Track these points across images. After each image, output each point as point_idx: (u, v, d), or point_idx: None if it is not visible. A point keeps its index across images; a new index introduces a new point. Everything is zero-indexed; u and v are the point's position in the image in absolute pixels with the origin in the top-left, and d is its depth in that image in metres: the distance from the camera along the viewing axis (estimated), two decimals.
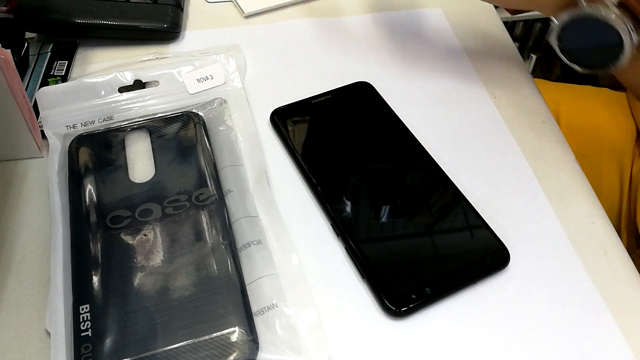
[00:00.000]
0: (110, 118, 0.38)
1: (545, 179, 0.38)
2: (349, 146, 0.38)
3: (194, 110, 0.39)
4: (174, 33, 0.46)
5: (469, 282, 0.32)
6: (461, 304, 0.32)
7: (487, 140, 0.41)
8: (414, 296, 0.31)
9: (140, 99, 0.39)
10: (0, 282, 0.32)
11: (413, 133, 0.39)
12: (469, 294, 0.32)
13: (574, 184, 0.38)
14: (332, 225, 0.35)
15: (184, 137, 0.37)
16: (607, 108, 0.63)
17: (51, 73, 0.42)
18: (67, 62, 0.43)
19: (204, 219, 0.33)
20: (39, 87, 0.41)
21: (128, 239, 0.32)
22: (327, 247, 0.34)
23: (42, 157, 0.38)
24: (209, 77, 0.41)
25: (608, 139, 0.60)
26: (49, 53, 0.44)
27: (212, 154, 0.36)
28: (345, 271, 0.33)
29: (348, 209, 0.35)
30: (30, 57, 0.43)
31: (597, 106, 0.64)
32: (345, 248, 0.33)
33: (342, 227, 0.34)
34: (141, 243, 0.32)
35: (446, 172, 0.37)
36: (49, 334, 0.29)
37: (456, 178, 0.37)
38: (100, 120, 0.38)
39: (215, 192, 0.34)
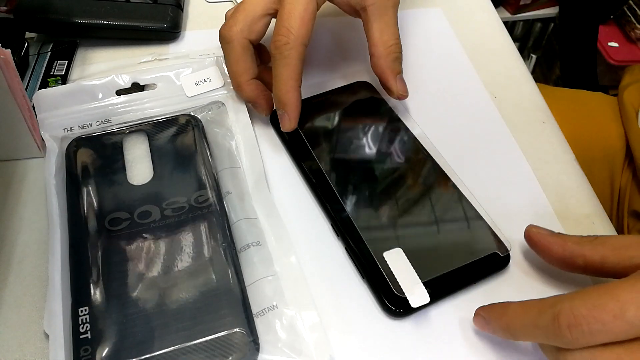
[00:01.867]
0: (108, 121, 0.38)
1: (545, 179, 0.38)
2: (349, 146, 0.38)
3: (191, 113, 0.39)
4: (174, 33, 0.46)
5: (469, 282, 0.32)
6: (461, 304, 0.32)
7: (487, 140, 0.41)
8: None
9: (137, 102, 0.39)
10: (0, 282, 0.32)
11: (413, 133, 0.39)
12: (469, 294, 0.32)
13: (574, 184, 0.38)
14: (332, 225, 0.35)
15: (182, 139, 0.37)
16: (599, 114, 0.62)
17: (51, 73, 0.42)
18: (67, 62, 0.43)
19: (203, 221, 0.33)
20: (39, 87, 0.41)
21: (127, 241, 0.32)
22: (327, 247, 0.34)
23: (43, 157, 0.38)
24: (207, 80, 0.41)
25: (600, 146, 0.59)
26: (49, 53, 0.44)
27: (211, 156, 0.36)
28: (345, 271, 0.33)
29: (348, 208, 0.35)
30: (30, 57, 0.43)
31: (589, 112, 0.63)
32: (345, 248, 0.33)
33: (342, 227, 0.34)
34: (140, 245, 0.32)
35: (446, 172, 0.37)
36: (47, 336, 0.29)
37: (456, 178, 0.37)
38: (97, 123, 0.38)
39: (214, 194, 0.34)
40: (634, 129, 0.57)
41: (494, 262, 0.32)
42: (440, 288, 0.31)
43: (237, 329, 0.28)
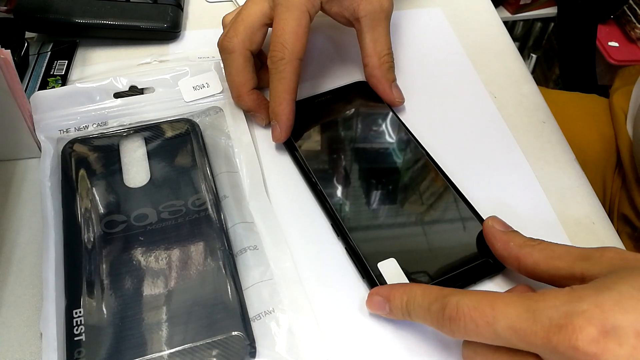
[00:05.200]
0: (105, 124, 0.38)
1: (545, 179, 0.38)
2: (349, 145, 0.38)
3: (189, 117, 0.39)
4: (174, 33, 0.46)
5: (470, 282, 0.32)
6: None
7: (487, 140, 0.41)
8: None
9: (135, 106, 0.39)
10: (0, 282, 0.32)
11: (413, 133, 0.39)
12: None
13: (574, 184, 0.38)
14: (332, 225, 0.34)
15: (179, 143, 0.37)
16: (593, 117, 0.62)
17: (51, 73, 0.42)
18: (67, 61, 0.43)
19: (200, 225, 0.33)
20: (39, 87, 0.41)
21: (123, 243, 0.32)
22: (327, 248, 0.34)
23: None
24: (205, 85, 0.40)
25: (593, 149, 0.59)
26: (49, 53, 0.44)
27: (208, 160, 0.36)
28: (345, 272, 0.33)
29: (348, 208, 0.35)
30: (30, 57, 0.43)
31: (583, 115, 0.63)
32: (346, 248, 0.33)
33: (343, 227, 0.34)
34: (136, 248, 0.31)
35: (446, 172, 0.37)
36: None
37: (456, 178, 0.37)
38: (94, 126, 0.38)
39: (211, 198, 0.34)
40: (622, 132, 0.57)
41: (495, 262, 0.32)
42: None
43: (233, 333, 0.28)
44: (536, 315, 0.23)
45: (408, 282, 0.31)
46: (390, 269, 0.31)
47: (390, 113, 0.41)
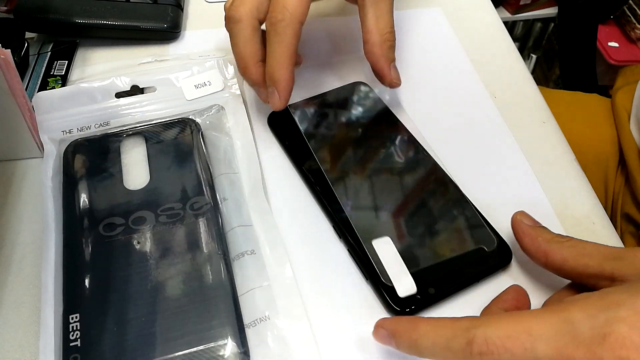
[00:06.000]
0: (107, 124, 0.38)
1: (545, 179, 0.38)
2: (349, 146, 0.38)
3: (190, 117, 0.39)
4: (174, 33, 0.46)
5: (472, 281, 0.32)
6: (464, 303, 0.32)
7: (487, 141, 0.41)
8: (418, 296, 0.31)
9: (137, 105, 0.39)
10: (0, 282, 0.32)
11: (411, 132, 0.39)
12: (472, 293, 0.32)
13: (574, 184, 0.38)
14: (333, 226, 0.34)
15: (180, 143, 0.37)
16: (594, 116, 0.62)
17: (51, 73, 0.42)
18: (67, 62, 0.43)
19: (198, 228, 0.33)
20: (39, 87, 0.41)
21: (120, 247, 0.31)
22: (329, 248, 0.34)
23: (43, 157, 0.37)
24: (207, 84, 0.40)
25: (594, 149, 0.59)
26: (49, 53, 0.44)
27: (208, 161, 0.36)
28: (347, 274, 0.33)
29: (350, 209, 0.35)
30: (30, 57, 0.43)
31: (584, 115, 0.63)
32: (348, 250, 0.33)
33: (344, 229, 0.34)
34: (134, 251, 0.31)
35: (447, 172, 0.37)
36: None
37: (456, 178, 0.37)
38: (96, 126, 0.38)
39: (210, 201, 0.34)
40: (626, 132, 0.57)
41: (497, 261, 0.32)
42: (444, 288, 0.31)
43: (227, 340, 0.28)
44: (576, 327, 0.22)
45: (412, 280, 0.31)
46: (385, 249, 0.31)
47: (388, 112, 0.40)
